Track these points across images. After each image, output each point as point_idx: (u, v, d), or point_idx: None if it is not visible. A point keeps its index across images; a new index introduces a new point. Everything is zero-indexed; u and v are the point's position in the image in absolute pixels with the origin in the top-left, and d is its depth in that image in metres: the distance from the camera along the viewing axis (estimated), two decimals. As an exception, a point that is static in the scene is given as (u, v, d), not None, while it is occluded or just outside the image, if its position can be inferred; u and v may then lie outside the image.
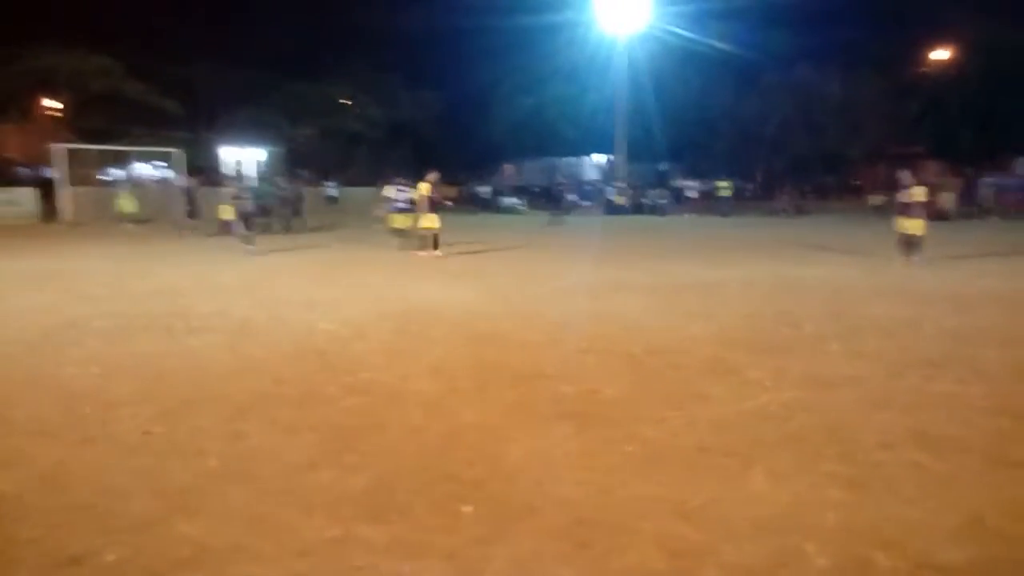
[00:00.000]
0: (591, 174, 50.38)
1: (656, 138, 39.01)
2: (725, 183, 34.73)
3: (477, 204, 39.20)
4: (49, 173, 26.91)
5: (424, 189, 14.16)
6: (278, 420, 4.48)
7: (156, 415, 4.58)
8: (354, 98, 43.94)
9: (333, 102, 42.86)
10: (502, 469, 3.73)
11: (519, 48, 41.26)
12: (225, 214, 18.01)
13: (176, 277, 11.28)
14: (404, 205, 16.24)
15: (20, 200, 25.28)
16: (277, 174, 29.27)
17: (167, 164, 29.09)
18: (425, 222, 14.21)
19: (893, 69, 39.15)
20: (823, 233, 20.76)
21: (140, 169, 32.25)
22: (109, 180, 27.97)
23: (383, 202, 18.21)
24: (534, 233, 21.59)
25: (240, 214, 15.32)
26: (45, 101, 35.19)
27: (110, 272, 11.96)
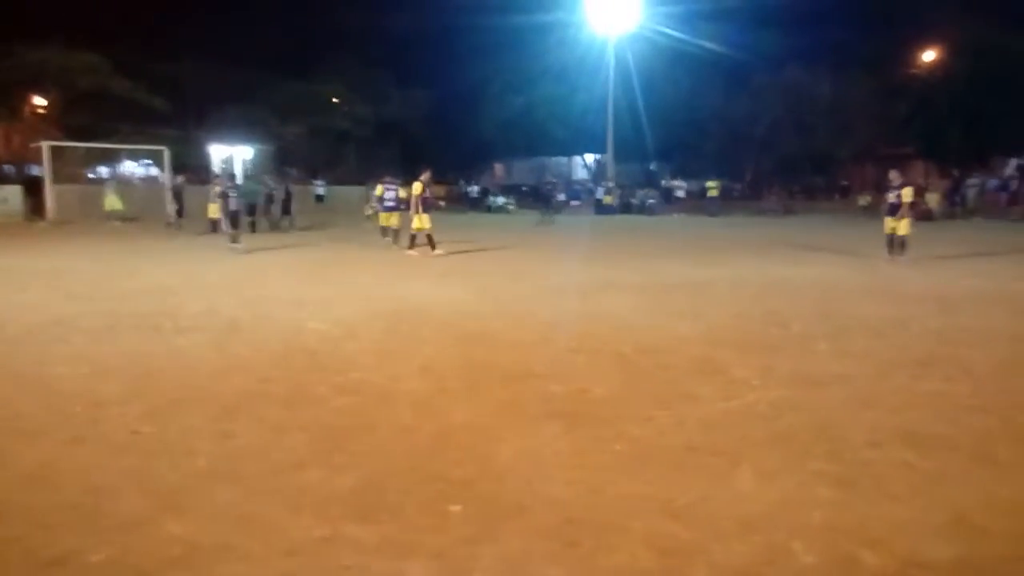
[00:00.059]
0: (581, 174, 50.54)
1: (646, 138, 39.11)
2: (714, 183, 34.92)
3: (466, 203, 39.24)
4: (35, 171, 26.72)
5: (417, 188, 14.03)
6: (267, 419, 4.46)
7: (144, 414, 4.55)
8: (343, 96, 43.76)
9: (322, 100, 42.65)
10: (491, 469, 3.73)
11: (509, 47, 41.27)
12: (214, 212, 17.94)
13: (164, 275, 11.22)
14: (393, 204, 16.21)
15: (6, 198, 25.11)
16: (266, 172, 29.15)
17: (154, 162, 28.92)
18: (417, 222, 14.09)
19: (883, 70, 39.37)
20: (811, 233, 20.88)
21: (128, 167, 32.07)
22: (96, 178, 27.80)
23: (373, 201, 18.21)
24: (524, 232, 21.61)
25: (227, 212, 15.24)
26: (32, 98, 34.87)
27: (97, 270, 11.88)
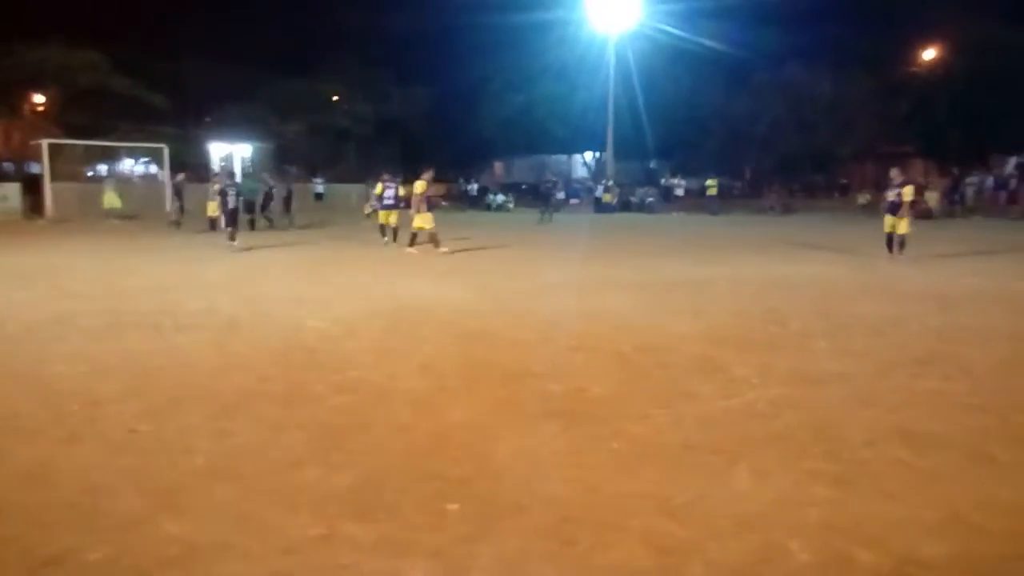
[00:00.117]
0: (580, 172, 50.49)
1: (645, 136, 39.03)
2: (713, 181, 34.88)
3: (466, 201, 39.23)
4: (35, 169, 26.72)
5: (419, 187, 13.90)
6: (265, 418, 4.47)
7: (142, 413, 4.55)
8: (343, 94, 43.72)
9: (322, 98, 42.61)
10: (489, 467, 3.74)
11: (509, 45, 41.15)
12: (213, 211, 17.94)
13: (163, 273, 11.22)
14: (392, 202, 16.17)
15: (5, 196, 25.11)
16: (265, 170, 29.14)
17: (154, 160, 28.91)
18: (418, 221, 13.97)
19: (883, 68, 39.29)
20: (811, 231, 20.88)
21: (127, 165, 32.07)
22: (95, 176, 27.81)
23: (373, 199, 18.19)
24: (523, 231, 21.61)
25: (225, 210, 15.21)
26: (31, 96, 34.85)
27: (96, 268, 11.88)
